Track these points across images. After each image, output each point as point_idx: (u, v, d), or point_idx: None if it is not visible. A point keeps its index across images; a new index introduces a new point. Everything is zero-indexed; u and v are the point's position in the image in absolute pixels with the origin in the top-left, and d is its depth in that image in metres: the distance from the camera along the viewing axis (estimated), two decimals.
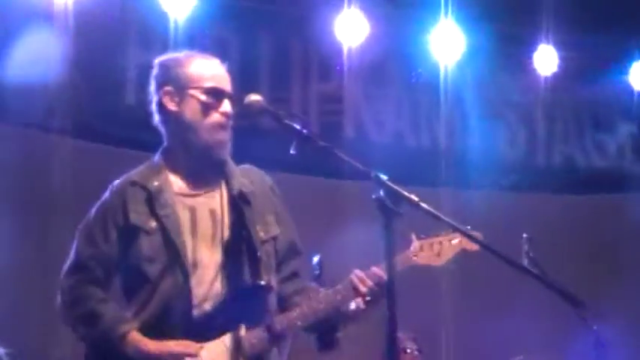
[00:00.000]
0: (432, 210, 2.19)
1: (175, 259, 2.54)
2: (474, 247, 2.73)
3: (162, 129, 2.67)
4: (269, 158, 3.10)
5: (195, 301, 2.52)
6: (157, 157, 2.68)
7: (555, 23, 5.81)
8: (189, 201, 2.61)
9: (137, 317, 2.55)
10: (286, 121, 2.47)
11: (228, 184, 2.66)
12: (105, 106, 4.83)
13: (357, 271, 2.63)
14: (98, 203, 2.66)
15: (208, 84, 2.62)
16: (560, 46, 5.92)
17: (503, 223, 5.24)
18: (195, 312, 2.52)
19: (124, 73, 4.88)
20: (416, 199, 2.19)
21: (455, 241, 2.79)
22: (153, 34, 4.91)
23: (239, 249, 2.59)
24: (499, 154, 6.11)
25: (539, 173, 6.25)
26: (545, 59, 5.92)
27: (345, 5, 5.32)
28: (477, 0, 5.53)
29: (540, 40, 5.88)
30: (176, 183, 2.63)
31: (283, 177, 2.96)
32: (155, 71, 2.68)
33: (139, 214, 2.57)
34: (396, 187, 2.18)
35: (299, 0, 5.36)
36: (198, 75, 2.63)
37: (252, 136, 2.76)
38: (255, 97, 2.55)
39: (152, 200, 2.57)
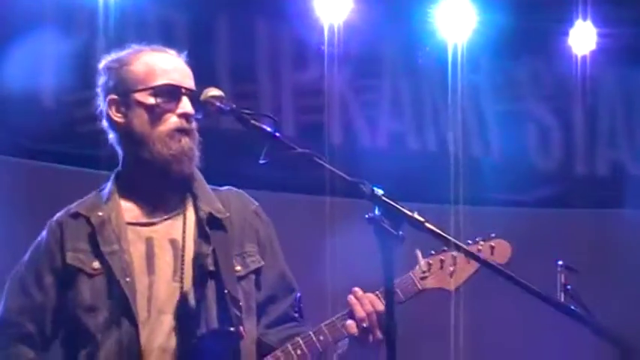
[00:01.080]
0: (441, 232, 2.25)
1: (121, 307, 2.58)
2: (502, 259, 2.78)
3: (117, 148, 2.75)
4: (231, 171, 3.15)
5: (148, 358, 2.56)
6: (107, 184, 2.75)
7: None
8: (145, 231, 2.67)
9: None
10: (253, 122, 2.52)
11: (195, 206, 2.71)
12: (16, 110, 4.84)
13: (356, 289, 2.71)
14: (32, 247, 2.74)
15: (159, 82, 2.67)
16: (600, 21, 6.01)
17: (531, 247, 5.32)
18: None
19: (39, 67, 4.89)
20: (421, 218, 2.25)
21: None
22: (76, 17, 4.94)
23: (205, 287, 2.63)
24: (526, 161, 6.19)
25: (578, 185, 6.33)
26: (582, 37, 6.00)
27: None
28: None
29: (575, 15, 5.96)
30: (130, 211, 2.69)
31: (252, 195, 3.02)
32: (101, 78, 2.75)
33: (77, 253, 2.63)
34: (394, 203, 2.23)
35: None
36: (145, 73, 2.69)
37: (210, 141, 2.80)
38: (213, 93, 2.60)
39: (95, 235, 2.63)
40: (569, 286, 3.81)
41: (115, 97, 2.70)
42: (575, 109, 6.33)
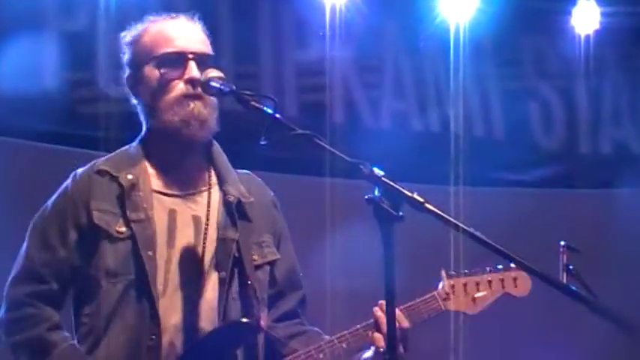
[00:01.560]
0: (441, 213, 2.25)
1: (142, 279, 2.58)
2: (522, 291, 2.80)
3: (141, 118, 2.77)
4: (234, 150, 3.16)
5: (163, 334, 2.56)
6: (134, 144, 2.75)
7: None
8: (169, 202, 2.66)
9: (92, 353, 2.59)
10: (254, 104, 2.52)
11: (221, 188, 2.69)
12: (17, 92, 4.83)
13: (382, 303, 2.70)
14: (56, 195, 2.71)
15: (163, 50, 2.67)
16: (603, 0, 5.99)
17: (535, 227, 5.34)
18: (164, 350, 2.55)
19: (40, 47, 4.89)
20: (421, 199, 2.25)
21: (495, 284, 2.85)
22: None
23: (226, 272, 2.62)
24: (530, 141, 6.18)
25: (582, 164, 6.32)
26: (586, 17, 5.99)
27: None
28: None
29: None
30: (155, 178, 2.68)
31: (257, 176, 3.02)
32: (124, 54, 2.77)
33: (103, 214, 2.62)
34: (394, 184, 2.24)
35: None
36: (151, 44, 2.69)
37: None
38: (213, 73, 2.60)
39: (124, 198, 2.62)
40: (571, 266, 3.81)
41: (130, 72, 2.73)
42: (578, 88, 6.32)
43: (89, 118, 4.74)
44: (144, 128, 2.75)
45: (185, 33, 2.72)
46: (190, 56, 2.67)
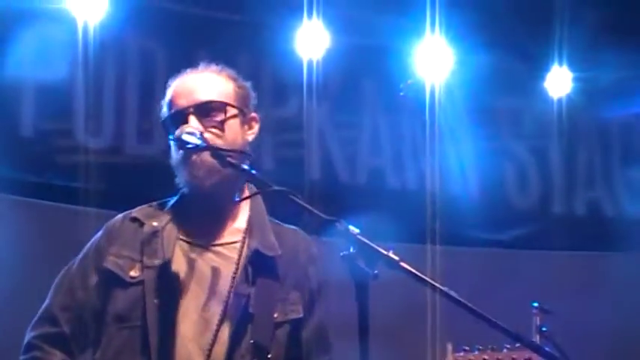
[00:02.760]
0: (416, 272, 2.24)
1: (146, 325, 2.55)
2: None
3: None
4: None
5: None
6: (171, 199, 2.74)
7: (569, 37, 5.96)
8: (192, 251, 2.63)
9: None
10: (230, 160, 2.52)
11: (248, 241, 2.66)
12: None
13: None
14: (89, 243, 2.72)
15: (169, 111, 2.69)
16: (576, 64, 6.08)
17: (509, 287, 5.34)
18: None
19: (17, 97, 4.89)
20: (396, 257, 2.24)
21: None
22: (56, 47, 4.94)
23: (240, 327, 2.59)
24: (505, 200, 6.22)
25: (556, 225, 6.36)
26: (559, 79, 6.10)
27: (306, 11, 5.39)
28: (469, 9, 5.64)
29: (552, 57, 6.05)
30: (182, 226, 2.65)
31: None
32: None
33: (119, 258, 2.60)
34: (369, 242, 2.23)
35: (245, 5, 5.43)
36: (166, 105, 2.71)
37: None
38: (189, 129, 2.60)
39: (143, 244, 2.60)
40: (544, 328, 3.82)
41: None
42: (552, 149, 6.38)
43: (68, 168, 4.75)
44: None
45: (190, 87, 2.71)
46: (191, 110, 2.66)
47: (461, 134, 6.02)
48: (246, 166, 2.50)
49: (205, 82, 2.71)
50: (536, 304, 3.88)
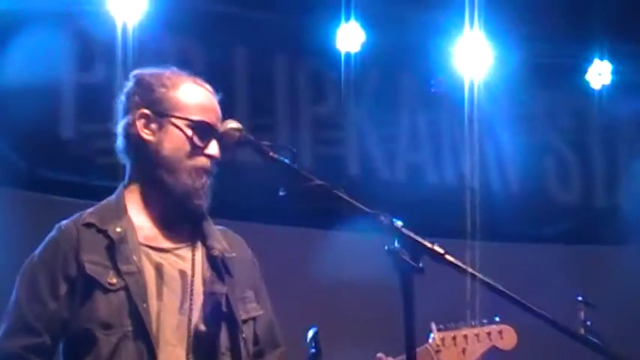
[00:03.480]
0: (461, 264, 2.24)
1: (138, 330, 2.56)
2: (508, 345, 2.83)
3: (127, 159, 2.72)
4: (244, 205, 3.14)
5: None
6: (117, 195, 2.72)
7: (608, 30, 5.92)
8: (156, 256, 2.64)
9: None
10: (272, 154, 2.52)
11: (205, 243, 2.69)
12: (34, 141, 4.86)
13: (381, 356, 2.68)
14: (42, 246, 2.67)
15: (197, 117, 2.66)
16: (617, 56, 6.03)
17: (550, 283, 5.31)
18: None
19: (57, 98, 4.93)
20: (441, 250, 2.24)
21: (483, 337, 2.90)
22: (95, 48, 4.98)
23: (216, 328, 2.61)
24: (546, 195, 6.18)
25: (597, 220, 6.31)
26: (599, 73, 6.05)
27: (344, 8, 5.38)
28: (508, 4, 5.61)
29: (592, 51, 6.00)
30: (142, 231, 2.66)
31: (265, 229, 3.01)
32: (130, 86, 2.73)
33: (95, 265, 2.59)
34: (414, 235, 2.23)
35: (282, 3, 5.43)
36: (185, 102, 2.67)
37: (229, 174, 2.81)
38: (232, 125, 2.61)
39: (114, 250, 2.60)
40: (588, 322, 3.79)
41: (147, 112, 2.67)
42: (593, 142, 6.34)
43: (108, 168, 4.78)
44: (136, 173, 2.72)
45: (214, 109, 2.73)
46: (216, 134, 2.67)
47: (500, 130, 5.99)
48: (287, 161, 2.51)
49: (220, 113, 2.73)
50: (580, 298, 3.85)
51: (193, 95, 2.69)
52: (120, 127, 2.71)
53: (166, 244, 2.67)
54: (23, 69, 4.75)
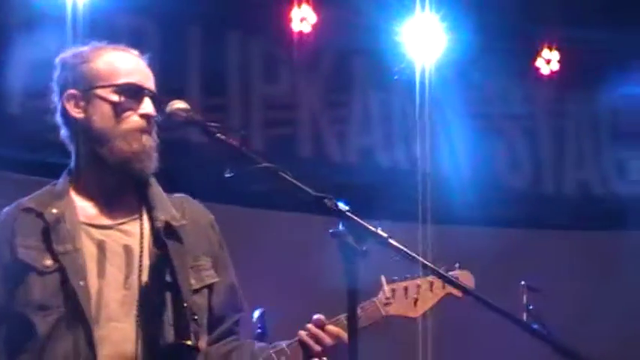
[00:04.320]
0: (404, 249, 2.24)
1: (74, 310, 2.55)
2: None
3: (70, 145, 2.70)
4: (202, 185, 3.14)
5: None
6: (61, 180, 2.71)
7: (560, 16, 5.96)
8: (98, 233, 2.62)
9: None
10: (219, 136, 2.51)
11: (150, 213, 2.69)
12: None
13: (310, 326, 2.69)
14: None
15: (122, 80, 2.63)
16: (567, 42, 6.08)
17: (498, 267, 5.36)
18: None
19: (5, 75, 4.88)
20: (384, 234, 2.24)
21: (437, 286, 2.86)
22: (45, 24, 4.93)
23: (160, 298, 2.60)
24: (495, 180, 6.23)
25: (546, 204, 6.37)
26: (549, 58, 6.10)
27: None
28: None
29: (543, 36, 6.04)
30: (83, 210, 2.64)
31: (223, 209, 3.00)
32: (56, 72, 2.71)
33: (29, 249, 2.58)
34: (358, 219, 2.23)
35: None
36: (108, 70, 2.65)
37: (179, 154, 2.79)
38: (179, 105, 2.59)
39: (49, 232, 2.59)
40: (531, 306, 3.84)
41: (74, 91, 2.62)
42: (542, 128, 6.39)
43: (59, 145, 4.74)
44: (77, 155, 2.71)
45: (141, 69, 2.70)
46: (147, 92, 2.66)
47: (451, 112, 6.02)
48: (234, 143, 2.50)
49: (149, 73, 2.70)
50: (523, 283, 3.90)
51: (114, 62, 2.66)
52: (57, 116, 2.70)
53: (109, 220, 2.65)
54: None
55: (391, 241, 2.23)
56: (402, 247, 2.25)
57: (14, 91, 4.87)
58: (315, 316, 2.71)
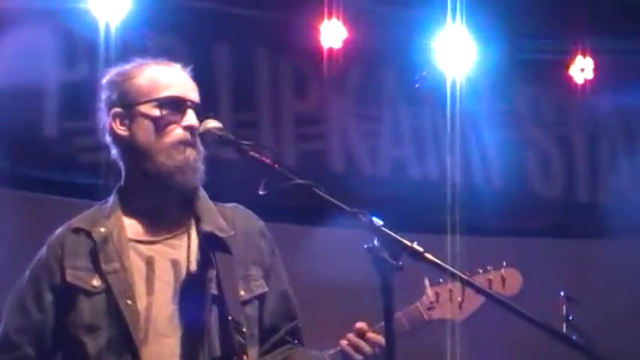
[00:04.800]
0: (441, 263, 2.24)
1: (122, 329, 2.55)
2: (511, 290, 2.75)
3: (120, 164, 2.72)
4: (229, 200, 3.14)
5: None
6: (110, 198, 2.72)
7: (591, 25, 5.93)
8: (146, 249, 2.62)
9: None
10: (252, 154, 2.51)
11: (198, 227, 2.68)
12: (17, 139, 4.84)
13: (351, 335, 2.68)
14: (33, 261, 2.70)
15: (163, 94, 2.65)
16: (601, 50, 6.04)
17: (534, 278, 5.31)
18: None
19: (40, 97, 4.91)
20: (419, 248, 2.24)
21: (483, 286, 2.81)
22: (78, 46, 4.96)
23: (208, 312, 2.60)
24: (528, 190, 6.18)
25: (580, 213, 6.32)
26: (583, 67, 6.06)
27: (326, 3, 5.38)
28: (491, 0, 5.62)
29: (576, 45, 6.01)
30: (131, 227, 2.64)
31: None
32: (103, 92, 2.73)
33: (77, 271, 2.59)
34: (393, 234, 2.23)
35: (264, 0, 5.43)
36: (149, 85, 2.66)
37: (210, 171, 2.79)
38: (212, 124, 2.60)
39: (97, 252, 2.60)
40: (570, 317, 3.80)
41: (118, 110, 2.67)
42: (575, 137, 6.35)
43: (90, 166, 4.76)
44: (126, 174, 2.72)
45: (183, 81, 2.72)
46: (189, 104, 2.67)
47: (482, 123, 6.00)
48: (267, 160, 2.50)
49: (193, 84, 2.72)
50: (562, 293, 3.86)
51: (155, 76, 2.68)
52: (106, 137, 2.72)
53: (157, 235, 2.65)
54: (6, 67, 4.73)
55: (427, 255, 2.23)
56: (437, 260, 2.24)
57: (50, 113, 4.90)
58: (357, 325, 2.71)
